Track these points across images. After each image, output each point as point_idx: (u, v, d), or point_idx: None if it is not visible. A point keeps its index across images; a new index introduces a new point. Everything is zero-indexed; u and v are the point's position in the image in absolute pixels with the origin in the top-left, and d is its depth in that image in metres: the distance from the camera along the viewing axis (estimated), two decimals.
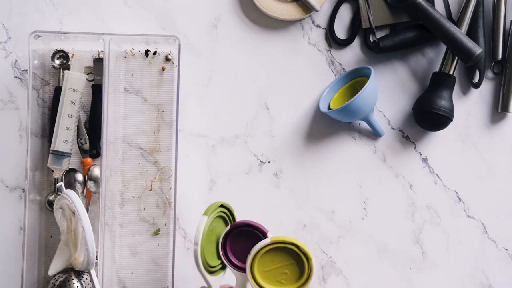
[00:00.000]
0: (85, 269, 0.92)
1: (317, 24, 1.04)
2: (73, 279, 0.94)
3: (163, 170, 1.02)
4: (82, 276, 0.95)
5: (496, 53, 1.03)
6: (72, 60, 1.00)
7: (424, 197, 1.04)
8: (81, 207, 0.90)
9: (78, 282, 0.94)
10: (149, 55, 1.02)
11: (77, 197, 0.91)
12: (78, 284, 0.94)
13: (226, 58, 1.04)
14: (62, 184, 0.95)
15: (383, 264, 1.03)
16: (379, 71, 1.04)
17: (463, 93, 1.05)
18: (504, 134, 1.05)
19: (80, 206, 0.90)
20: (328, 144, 1.04)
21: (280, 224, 1.03)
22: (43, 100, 1.02)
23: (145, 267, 1.02)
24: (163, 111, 1.02)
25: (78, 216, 0.90)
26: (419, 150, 1.05)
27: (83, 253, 0.91)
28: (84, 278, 0.95)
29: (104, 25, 1.03)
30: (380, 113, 1.04)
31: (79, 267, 0.93)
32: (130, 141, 1.02)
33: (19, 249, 1.00)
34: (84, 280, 0.95)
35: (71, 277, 0.94)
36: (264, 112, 1.04)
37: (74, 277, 0.95)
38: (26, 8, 1.03)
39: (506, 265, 1.04)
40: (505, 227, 1.04)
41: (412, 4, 0.99)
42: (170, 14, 1.04)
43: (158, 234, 1.02)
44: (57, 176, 1.00)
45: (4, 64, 1.03)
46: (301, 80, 1.04)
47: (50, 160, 0.98)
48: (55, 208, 0.94)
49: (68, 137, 0.98)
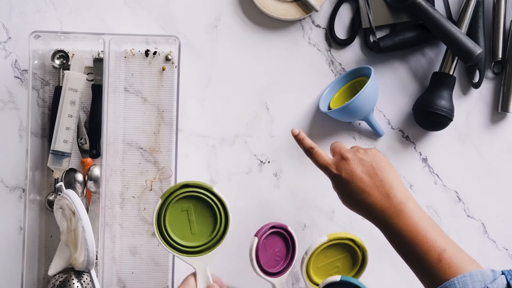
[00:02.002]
0: (85, 269, 0.92)
1: (317, 24, 1.04)
2: (73, 279, 0.94)
3: (163, 170, 1.02)
4: (82, 276, 0.95)
5: (496, 53, 1.03)
6: (72, 60, 1.00)
7: (424, 197, 1.04)
8: (81, 207, 0.90)
9: (78, 282, 0.94)
10: (149, 55, 1.02)
11: (77, 197, 0.91)
12: (78, 284, 0.94)
13: (226, 58, 1.04)
14: (62, 184, 0.95)
15: (383, 264, 1.03)
16: (379, 71, 1.04)
17: (463, 93, 1.05)
18: (504, 134, 1.05)
19: (80, 206, 0.90)
20: (328, 144, 1.04)
21: None
22: (43, 100, 1.02)
23: (145, 267, 1.02)
24: (163, 111, 1.02)
25: (78, 216, 0.90)
26: (419, 150, 1.05)
27: (83, 253, 0.91)
28: (84, 278, 0.95)
29: (104, 25, 1.03)
30: (380, 113, 1.04)
31: (79, 267, 0.93)
32: (130, 141, 1.02)
33: (19, 249, 1.00)
34: (84, 280, 0.95)
35: (71, 277, 0.95)
36: (264, 112, 1.04)
37: (74, 277, 0.95)
38: (26, 8, 1.03)
39: (506, 265, 1.04)
40: (505, 227, 1.04)
41: (412, 4, 0.99)
42: (170, 14, 1.04)
43: None
44: (57, 176, 1.00)
45: (4, 64, 1.03)
46: (301, 80, 1.04)
47: (50, 160, 0.99)
48: (55, 208, 0.94)
49: (68, 137, 0.98)
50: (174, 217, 0.87)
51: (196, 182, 0.87)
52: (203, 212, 0.87)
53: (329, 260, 0.91)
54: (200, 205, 0.87)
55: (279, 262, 0.92)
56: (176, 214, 0.87)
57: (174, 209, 0.87)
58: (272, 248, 0.91)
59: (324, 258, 0.91)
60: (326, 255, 0.91)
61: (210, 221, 0.87)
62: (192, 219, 0.87)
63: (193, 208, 0.87)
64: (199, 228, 0.87)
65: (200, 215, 0.87)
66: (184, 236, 0.87)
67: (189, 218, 0.87)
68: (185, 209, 0.87)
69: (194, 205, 0.87)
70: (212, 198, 0.87)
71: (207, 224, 0.87)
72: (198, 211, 0.87)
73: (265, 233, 0.90)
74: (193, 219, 0.87)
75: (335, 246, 0.91)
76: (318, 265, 0.91)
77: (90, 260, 0.91)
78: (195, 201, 0.87)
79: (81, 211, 0.90)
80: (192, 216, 0.87)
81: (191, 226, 0.87)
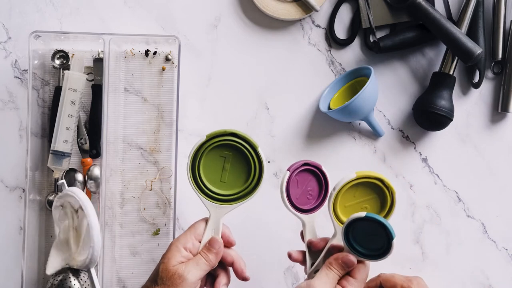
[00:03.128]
0: (86, 267, 0.92)
1: (317, 24, 1.04)
2: (70, 278, 0.94)
3: (163, 170, 1.02)
4: (79, 275, 0.95)
5: (496, 53, 1.03)
6: (72, 60, 1.00)
7: (424, 197, 1.04)
8: (89, 203, 0.90)
9: (75, 280, 0.94)
10: (149, 55, 1.02)
11: (83, 193, 0.92)
12: (75, 282, 0.94)
13: (226, 58, 1.04)
14: (64, 181, 0.94)
15: (383, 263, 1.03)
16: (379, 71, 1.04)
17: (463, 93, 1.05)
18: (504, 134, 1.05)
19: (88, 203, 0.90)
20: (328, 144, 1.04)
21: (280, 224, 1.03)
22: (43, 100, 1.02)
23: (145, 267, 1.02)
24: (163, 111, 1.02)
25: (86, 212, 0.89)
26: (419, 150, 1.05)
27: (87, 251, 0.90)
28: (81, 277, 0.95)
29: (104, 25, 1.03)
30: (380, 113, 1.04)
31: (78, 265, 0.92)
32: (130, 141, 1.02)
33: (19, 249, 1.00)
34: (81, 278, 0.95)
35: (68, 276, 0.94)
36: (264, 112, 1.04)
37: (72, 276, 0.94)
38: (26, 8, 1.03)
39: (506, 265, 1.04)
40: (505, 227, 1.04)
41: (412, 4, 0.99)
42: (170, 14, 1.04)
43: (158, 234, 1.02)
44: (57, 176, 1.00)
45: (4, 64, 1.03)
46: (301, 80, 1.04)
47: (50, 160, 0.99)
48: (54, 206, 0.94)
49: (68, 137, 0.98)
50: (211, 158, 0.87)
51: (245, 135, 0.86)
52: (239, 165, 0.87)
53: (357, 200, 0.89)
54: (239, 158, 0.87)
55: (311, 201, 0.90)
56: (213, 157, 0.87)
57: (213, 152, 0.87)
58: (304, 185, 0.90)
59: (352, 198, 0.89)
60: (354, 194, 0.89)
61: (242, 177, 0.87)
62: (227, 168, 0.87)
63: (232, 157, 0.87)
64: (230, 178, 0.87)
65: (235, 167, 0.87)
66: (212, 180, 0.87)
67: (224, 165, 0.87)
68: (224, 156, 0.87)
69: (233, 155, 0.87)
70: (253, 157, 0.87)
71: (238, 178, 0.87)
72: (235, 163, 0.87)
73: (297, 168, 0.89)
74: (227, 167, 0.87)
75: (364, 186, 0.88)
76: (346, 204, 0.89)
77: (94, 258, 0.90)
78: (236, 152, 0.87)
79: (89, 208, 0.90)
80: (228, 164, 0.87)
81: (222, 173, 0.87)
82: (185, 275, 0.81)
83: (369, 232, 0.83)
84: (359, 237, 0.84)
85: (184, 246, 0.84)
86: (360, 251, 0.85)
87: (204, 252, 0.84)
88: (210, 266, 0.84)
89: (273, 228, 1.03)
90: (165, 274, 0.82)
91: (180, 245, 0.84)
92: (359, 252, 0.85)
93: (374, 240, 0.83)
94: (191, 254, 0.84)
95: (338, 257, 0.85)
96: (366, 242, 0.84)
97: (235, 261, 0.86)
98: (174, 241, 0.85)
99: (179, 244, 0.84)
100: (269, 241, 1.03)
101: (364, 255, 0.85)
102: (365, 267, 0.86)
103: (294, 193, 0.89)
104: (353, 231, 0.84)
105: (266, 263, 1.03)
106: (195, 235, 0.86)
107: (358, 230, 0.84)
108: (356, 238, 0.84)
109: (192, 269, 0.82)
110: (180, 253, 0.83)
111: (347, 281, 0.84)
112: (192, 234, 0.85)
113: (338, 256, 0.85)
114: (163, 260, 0.84)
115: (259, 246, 1.03)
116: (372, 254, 0.84)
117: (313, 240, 0.89)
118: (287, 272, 1.03)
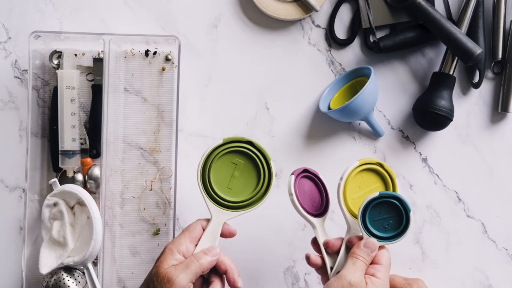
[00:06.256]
0: (83, 263, 0.91)
1: (317, 24, 1.04)
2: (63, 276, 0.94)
3: (163, 170, 1.02)
4: (73, 273, 0.95)
5: (496, 53, 1.03)
6: (62, 59, 0.99)
7: (424, 197, 1.04)
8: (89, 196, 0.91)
9: (71, 278, 0.94)
10: (149, 55, 1.02)
11: (81, 188, 0.92)
12: (72, 280, 0.94)
13: (226, 58, 1.04)
14: (56, 180, 0.94)
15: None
16: (379, 71, 1.04)
17: (463, 93, 1.05)
18: (504, 134, 1.05)
19: (88, 196, 0.91)
20: (328, 144, 1.04)
21: (280, 224, 1.03)
22: (43, 100, 1.02)
23: (145, 267, 1.02)
24: (163, 111, 1.02)
25: (87, 206, 0.89)
26: (419, 150, 1.05)
27: (87, 245, 0.90)
28: (76, 276, 0.95)
29: (104, 25, 1.03)
30: (380, 113, 1.04)
31: (75, 261, 0.92)
32: (130, 141, 1.02)
33: (19, 249, 1.00)
34: (76, 277, 0.95)
35: (62, 275, 0.94)
36: (264, 112, 1.04)
37: (65, 275, 0.94)
38: (26, 8, 1.03)
39: (506, 265, 1.04)
40: (505, 227, 1.04)
41: (412, 4, 0.99)
42: (170, 14, 1.04)
43: (158, 234, 1.02)
44: (71, 175, 1.00)
45: (4, 64, 1.03)
46: (301, 80, 1.04)
47: (61, 161, 0.99)
48: (46, 204, 0.93)
49: (75, 135, 0.99)
50: (222, 163, 0.88)
51: (260, 145, 0.88)
52: (248, 175, 0.88)
53: (363, 191, 0.90)
54: (250, 168, 0.88)
55: (316, 207, 0.91)
56: (225, 162, 0.88)
57: (226, 157, 0.88)
58: (307, 190, 0.91)
59: (357, 189, 0.90)
60: (359, 185, 0.90)
61: (249, 187, 0.88)
62: (236, 175, 0.88)
63: (243, 166, 0.88)
64: (237, 185, 0.88)
65: (244, 176, 0.88)
66: (220, 185, 0.88)
67: (233, 172, 0.88)
68: (235, 163, 0.88)
69: (244, 164, 0.88)
70: (264, 168, 0.88)
71: (245, 187, 0.88)
72: (245, 171, 0.88)
73: (299, 174, 0.89)
74: (237, 175, 0.88)
75: (368, 176, 0.91)
76: (353, 196, 0.90)
77: (94, 251, 0.90)
78: (248, 161, 0.88)
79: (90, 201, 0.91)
80: (238, 172, 0.88)
81: (230, 180, 0.88)
82: (173, 279, 0.80)
83: (383, 215, 0.86)
84: (375, 223, 0.86)
85: (178, 249, 0.83)
86: (378, 235, 0.86)
87: (198, 255, 0.84)
88: (201, 270, 0.83)
89: (273, 228, 1.03)
90: (156, 277, 0.81)
91: (174, 248, 0.84)
92: (378, 237, 0.86)
93: (390, 223, 0.86)
94: (184, 257, 0.84)
95: (359, 244, 0.85)
96: (382, 227, 0.86)
97: (228, 270, 0.85)
98: (168, 243, 0.85)
99: (173, 247, 0.84)
100: (269, 241, 1.03)
101: (383, 238, 0.86)
102: (387, 251, 0.87)
103: (301, 198, 0.89)
104: (369, 217, 0.86)
105: (266, 263, 1.03)
106: (190, 238, 0.85)
107: (373, 215, 0.86)
108: (373, 225, 0.86)
109: (181, 272, 0.81)
110: (173, 256, 0.83)
111: (374, 269, 0.84)
112: (187, 237, 0.85)
113: (359, 244, 0.85)
114: (156, 262, 0.83)
115: (259, 246, 1.03)
116: (391, 236, 0.86)
117: (330, 240, 0.89)
118: (287, 272, 1.03)
